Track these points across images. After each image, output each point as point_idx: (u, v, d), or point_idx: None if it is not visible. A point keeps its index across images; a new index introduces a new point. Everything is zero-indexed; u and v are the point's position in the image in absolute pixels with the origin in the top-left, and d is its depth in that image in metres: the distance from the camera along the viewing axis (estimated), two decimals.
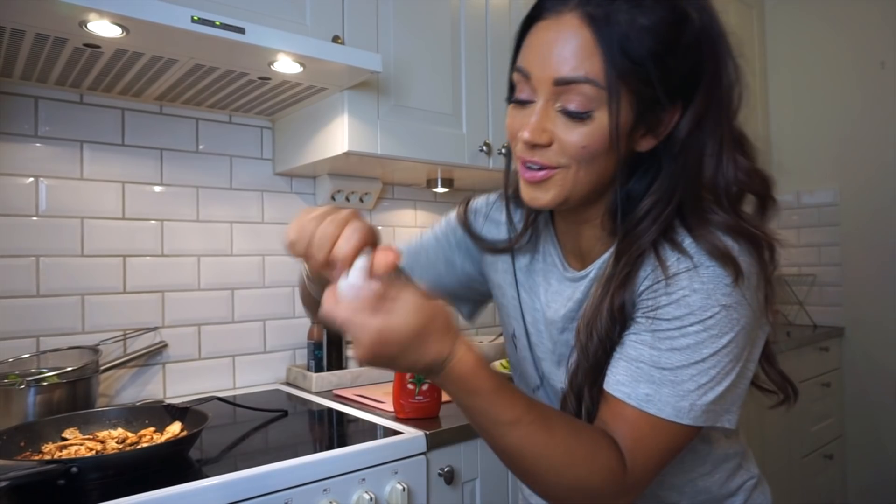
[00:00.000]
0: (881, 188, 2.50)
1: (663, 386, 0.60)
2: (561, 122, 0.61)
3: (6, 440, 0.93)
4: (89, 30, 1.00)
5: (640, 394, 0.61)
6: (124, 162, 1.41)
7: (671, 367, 0.61)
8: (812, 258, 2.69)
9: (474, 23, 1.63)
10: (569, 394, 0.68)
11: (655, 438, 0.61)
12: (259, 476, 0.91)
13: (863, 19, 2.55)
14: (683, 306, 0.61)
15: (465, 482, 1.18)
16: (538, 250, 0.79)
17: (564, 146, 0.61)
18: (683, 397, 0.60)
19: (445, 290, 0.89)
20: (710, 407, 0.61)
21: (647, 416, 0.61)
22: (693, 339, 0.60)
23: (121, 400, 1.39)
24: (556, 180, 0.63)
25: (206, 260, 1.52)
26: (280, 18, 1.26)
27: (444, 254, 0.88)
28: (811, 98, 2.68)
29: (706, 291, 0.60)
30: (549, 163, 0.62)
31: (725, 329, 0.60)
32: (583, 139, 0.60)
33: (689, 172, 0.63)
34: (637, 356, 0.62)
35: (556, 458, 0.58)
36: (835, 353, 2.59)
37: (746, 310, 0.61)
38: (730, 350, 0.61)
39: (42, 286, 1.30)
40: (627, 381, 0.62)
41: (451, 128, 1.56)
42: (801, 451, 2.36)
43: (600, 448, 0.59)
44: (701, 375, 0.60)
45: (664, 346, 0.61)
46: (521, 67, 0.63)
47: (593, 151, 0.61)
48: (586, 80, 0.58)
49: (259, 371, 1.60)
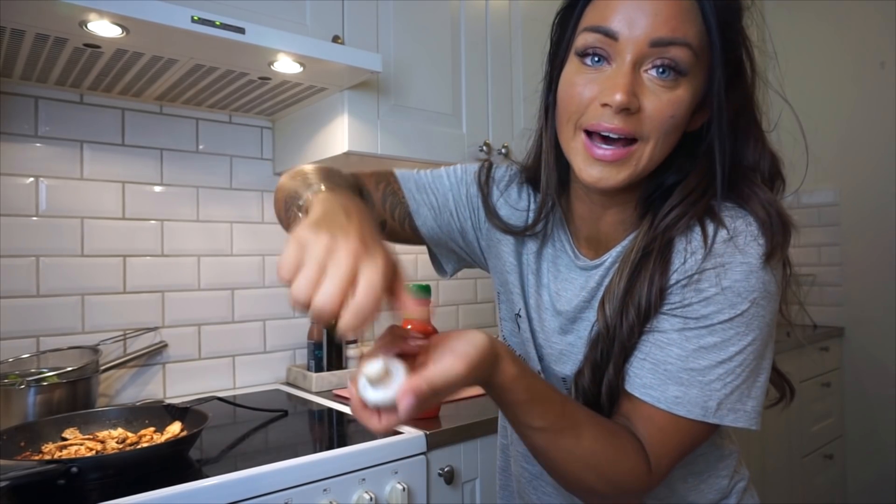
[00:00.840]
0: (881, 188, 2.50)
1: (692, 387, 0.60)
2: (648, 88, 0.57)
3: (6, 440, 0.93)
4: (89, 30, 1.00)
5: (669, 396, 0.60)
6: (124, 162, 1.41)
7: (699, 367, 0.60)
8: (812, 258, 2.69)
9: (474, 23, 1.63)
10: (585, 368, 0.66)
11: (680, 437, 0.61)
12: (259, 476, 0.91)
13: (863, 19, 2.55)
14: (713, 304, 0.60)
15: (465, 482, 1.18)
16: (548, 235, 0.76)
17: (651, 114, 0.57)
18: (711, 397, 0.60)
19: (438, 238, 0.84)
20: (737, 406, 0.60)
21: (674, 418, 0.60)
22: (720, 337, 0.60)
23: (121, 400, 1.39)
24: (633, 157, 0.59)
25: (206, 260, 1.52)
26: (280, 18, 1.26)
27: (451, 202, 0.82)
28: (811, 98, 2.68)
29: (735, 289, 0.59)
30: (632, 131, 0.57)
31: (753, 326, 0.60)
32: (671, 107, 0.57)
33: (735, 151, 0.63)
34: (664, 358, 0.61)
35: (580, 463, 0.59)
36: (835, 353, 2.59)
37: (771, 302, 0.61)
38: (755, 347, 0.60)
39: (42, 286, 1.30)
40: (656, 384, 0.61)
41: (451, 128, 1.56)
42: (801, 451, 2.36)
43: (627, 453, 0.60)
44: (728, 374, 0.60)
45: (692, 345, 0.60)
46: (601, 27, 0.58)
47: (678, 121, 0.58)
48: (685, 43, 0.56)
49: (259, 371, 1.60)
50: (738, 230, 0.60)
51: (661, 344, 0.62)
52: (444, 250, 0.87)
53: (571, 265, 0.73)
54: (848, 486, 2.63)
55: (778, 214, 0.61)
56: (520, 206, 0.79)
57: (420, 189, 0.82)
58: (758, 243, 0.60)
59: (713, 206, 0.63)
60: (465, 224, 0.83)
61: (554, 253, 0.76)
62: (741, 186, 0.63)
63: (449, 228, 0.83)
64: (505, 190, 0.81)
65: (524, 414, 0.57)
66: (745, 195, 0.62)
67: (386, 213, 0.81)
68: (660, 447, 0.61)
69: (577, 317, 0.71)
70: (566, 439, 0.58)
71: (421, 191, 0.82)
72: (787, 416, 2.24)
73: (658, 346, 0.62)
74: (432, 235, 0.83)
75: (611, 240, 0.70)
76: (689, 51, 0.56)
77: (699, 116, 0.63)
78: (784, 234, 0.61)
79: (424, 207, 0.82)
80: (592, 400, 0.66)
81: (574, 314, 0.72)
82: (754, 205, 0.61)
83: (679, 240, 0.63)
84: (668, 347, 0.61)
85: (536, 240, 0.77)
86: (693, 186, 0.63)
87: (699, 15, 0.57)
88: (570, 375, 0.71)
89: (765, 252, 0.59)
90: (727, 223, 0.61)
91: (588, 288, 0.70)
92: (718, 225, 0.61)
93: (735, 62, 0.62)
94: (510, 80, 1.70)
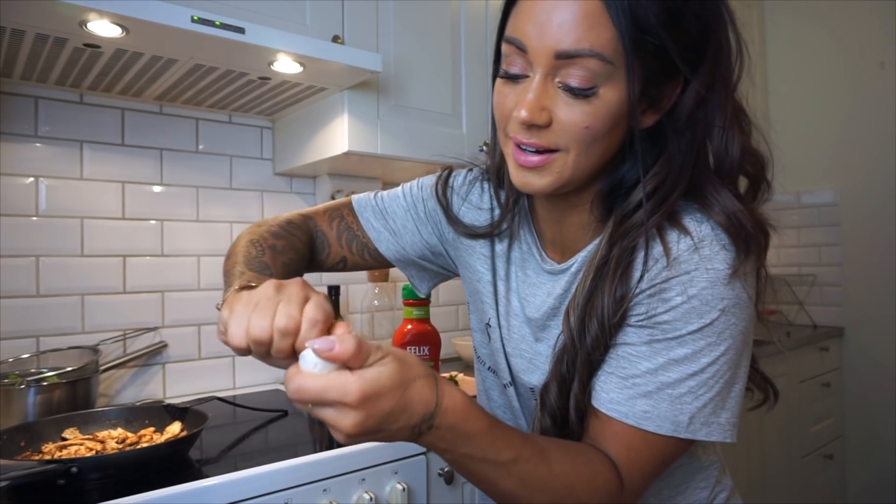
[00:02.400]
0: (881, 188, 2.50)
1: (661, 401, 0.58)
2: (561, 100, 0.55)
3: (6, 440, 0.93)
4: (89, 30, 1.00)
5: (638, 411, 0.58)
6: (124, 162, 1.41)
7: (669, 380, 0.58)
8: (812, 258, 2.69)
9: (474, 23, 1.63)
10: (551, 383, 0.63)
11: (651, 453, 0.59)
12: (259, 476, 0.91)
13: (862, 19, 2.55)
14: (680, 313, 0.58)
15: (464, 482, 1.18)
16: (516, 237, 0.74)
17: (565, 126, 0.55)
18: (682, 411, 0.57)
19: (407, 260, 0.84)
20: (711, 419, 0.58)
21: (644, 433, 0.58)
22: (690, 348, 0.58)
23: (121, 400, 1.39)
24: (555, 165, 0.57)
25: (206, 260, 1.52)
26: (280, 18, 1.26)
27: (411, 223, 0.82)
28: (811, 98, 2.68)
29: (703, 297, 0.57)
30: (547, 145, 0.56)
31: (724, 335, 0.58)
32: (585, 118, 0.54)
33: (696, 149, 0.58)
34: (632, 371, 0.59)
35: (556, 490, 0.56)
36: (835, 353, 2.59)
37: (744, 310, 0.58)
38: (729, 357, 0.58)
39: (42, 286, 1.30)
40: (623, 399, 0.59)
41: (451, 128, 1.56)
42: (801, 451, 2.36)
43: (597, 471, 0.58)
44: (700, 387, 0.58)
45: (662, 357, 0.58)
46: (512, 38, 0.56)
47: (596, 132, 0.55)
48: (592, 54, 0.52)
49: (259, 371, 1.60)
50: (703, 237, 0.58)
51: (629, 357, 0.60)
52: (415, 270, 0.87)
53: (539, 269, 0.71)
54: (848, 487, 2.63)
55: (745, 221, 0.57)
56: (483, 205, 0.78)
57: (377, 215, 0.83)
58: (725, 251, 0.57)
59: (677, 212, 0.60)
60: (430, 240, 0.82)
61: (521, 256, 0.74)
62: (705, 190, 0.59)
63: (415, 248, 0.83)
64: (466, 195, 0.80)
65: (489, 447, 0.52)
66: (707, 202, 0.59)
67: (343, 249, 0.83)
68: (631, 464, 0.59)
69: (545, 324, 0.69)
70: (538, 467, 0.54)
71: (378, 217, 0.83)
72: (787, 417, 2.24)
73: (626, 360, 0.60)
74: (400, 258, 0.84)
75: (576, 243, 0.68)
76: (598, 60, 0.52)
77: (650, 114, 0.59)
78: (755, 241, 0.58)
79: (385, 233, 0.82)
80: (560, 416, 0.63)
81: (543, 321, 0.70)
82: (714, 212, 0.58)
83: (640, 247, 0.59)
84: (637, 360, 0.59)
85: (504, 242, 0.75)
86: (654, 187, 0.59)
87: (608, 18, 0.52)
88: (537, 386, 0.69)
89: (733, 259, 0.57)
90: (692, 230, 0.58)
91: (555, 294, 0.68)
92: (682, 232, 0.58)
93: (680, 52, 0.55)
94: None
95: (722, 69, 0.58)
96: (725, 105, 0.58)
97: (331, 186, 1.65)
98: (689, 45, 0.55)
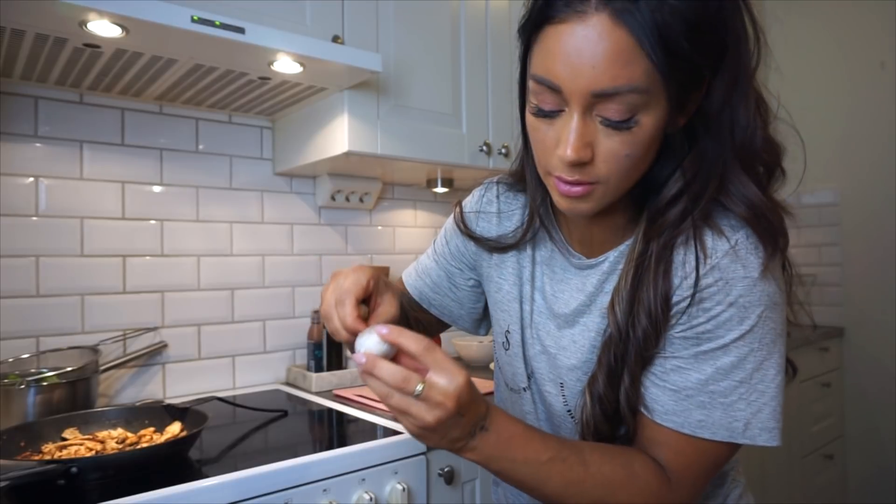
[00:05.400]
0: (881, 188, 2.50)
1: (714, 410, 0.60)
2: (602, 133, 0.55)
3: (6, 440, 0.93)
4: (89, 30, 1.00)
5: (693, 421, 0.60)
6: (124, 162, 1.41)
7: (720, 389, 0.59)
8: (812, 258, 2.69)
9: (474, 23, 1.62)
10: (598, 374, 0.64)
11: (705, 458, 0.61)
12: (259, 476, 0.91)
13: (862, 20, 2.55)
14: (721, 321, 0.59)
15: (465, 482, 1.18)
16: (541, 238, 0.75)
17: (606, 158, 0.56)
18: (736, 418, 0.59)
19: (457, 311, 0.88)
20: (765, 424, 0.60)
21: (699, 441, 0.60)
22: (736, 356, 0.59)
23: (121, 400, 1.39)
24: (597, 193, 0.58)
25: (206, 260, 1.52)
26: (280, 18, 1.26)
27: (445, 272, 0.86)
28: (811, 98, 2.68)
29: (741, 304, 0.58)
30: (590, 179, 0.57)
31: (766, 340, 0.59)
32: (626, 148, 0.55)
33: (726, 144, 0.58)
34: (683, 384, 0.61)
35: (597, 489, 0.59)
36: (835, 353, 2.59)
37: (779, 311, 0.60)
38: (774, 361, 0.60)
39: (42, 286, 1.30)
40: (678, 410, 0.61)
41: (451, 128, 1.56)
42: (801, 451, 2.36)
43: (637, 472, 0.60)
44: (750, 393, 0.59)
45: (709, 367, 0.60)
46: (542, 79, 0.55)
47: (636, 158, 0.56)
48: (630, 90, 0.52)
49: (259, 371, 1.60)
50: (739, 242, 0.59)
51: (679, 370, 0.61)
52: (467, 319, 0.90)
53: (567, 265, 0.72)
54: (848, 487, 2.63)
55: (769, 212, 0.59)
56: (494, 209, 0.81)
57: (416, 280, 0.89)
58: (756, 255, 0.59)
59: (712, 214, 0.60)
60: (466, 275, 0.86)
61: (548, 255, 0.74)
62: (728, 181, 0.59)
63: (461, 298, 0.87)
64: (480, 209, 0.82)
65: (529, 448, 0.58)
66: (729, 192, 0.59)
67: (409, 311, 0.88)
68: (682, 468, 0.61)
69: (575, 320, 0.70)
70: (576, 469, 0.59)
71: (417, 281, 0.89)
72: (787, 416, 2.24)
73: (675, 372, 0.61)
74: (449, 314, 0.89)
75: (606, 241, 0.68)
76: (635, 94, 0.52)
77: (680, 118, 0.59)
78: (780, 235, 0.59)
79: (428, 292, 0.88)
80: (611, 408, 0.64)
81: (572, 317, 0.70)
82: (735, 202, 0.59)
83: (679, 247, 0.61)
84: (687, 372, 0.61)
85: (529, 248, 0.76)
86: (686, 183, 0.60)
87: (641, 51, 0.51)
88: (567, 382, 0.70)
89: (763, 261, 0.58)
90: (728, 234, 0.59)
91: (586, 290, 0.69)
92: (718, 236, 0.59)
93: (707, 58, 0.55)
94: (510, 80, 1.70)
95: (743, 59, 0.57)
96: (748, 94, 0.58)
97: (331, 186, 1.65)
98: (712, 48, 0.54)
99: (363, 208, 1.80)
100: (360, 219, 1.81)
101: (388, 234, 1.88)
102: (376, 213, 1.85)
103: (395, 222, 1.90)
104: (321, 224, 1.73)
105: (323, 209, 1.73)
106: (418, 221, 1.95)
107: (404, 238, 1.92)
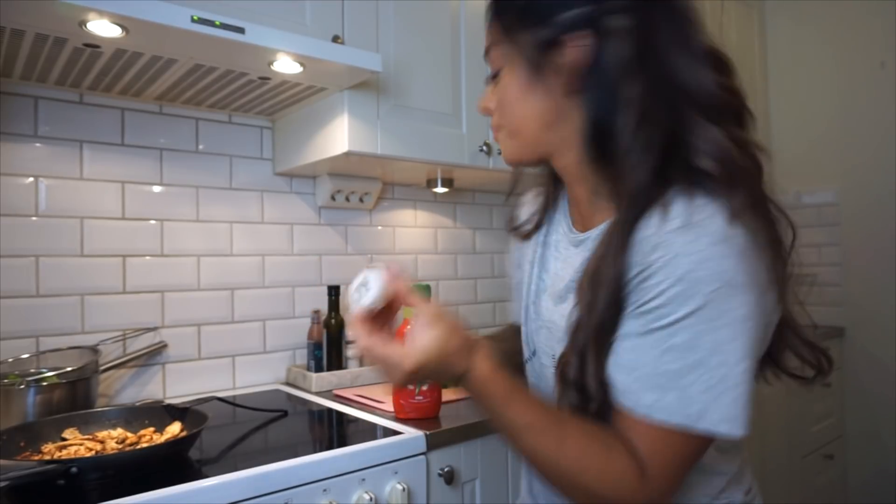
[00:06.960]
0: (881, 188, 2.49)
1: (668, 392, 0.57)
2: (492, 88, 0.72)
3: (6, 440, 0.93)
4: (89, 30, 1.00)
5: (647, 402, 0.58)
6: (124, 162, 1.41)
7: (674, 370, 0.56)
8: (812, 258, 2.69)
9: (474, 23, 1.62)
10: (569, 353, 0.63)
11: (669, 447, 0.58)
12: (259, 476, 0.91)
13: (863, 19, 2.55)
14: (670, 298, 0.56)
15: (465, 482, 1.18)
16: (554, 221, 0.80)
17: (496, 106, 0.71)
18: (692, 402, 0.56)
19: None
20: (726, 412, 0.56)
21: (656, 425, 0.57)
22: (688, 335, 0.56)
23: (120, 400, 1.39)
24: (501, 137, 0.73)
25: (206, 260, 1.52)
26: (280, 18, 1.26)
27: (517, 282, 0.89)
28: (811, 98, 2.68)
29: (689, 279, 0.55)
30: (494, 125, 0.74)
31: (723, 319, 0.55)
32: (501, 95, 0.70)
33: (657, 90, 0.59)
34: (634, 363, 0.59)
35: (566, 465, 0.60)
36: (835, 353, 2.56)
37: (743, 294, 0.55)
38: (738, 345, 0.56)
39: (42, 286, 1.30)
40: (634, 389, 0.59)
41: (451, 128, 1.56)
42: (801, 451, 2.36)
43: (613, 456, 0.58)
44: (709, 377, 0.55)
45: (661, 346, 0.57)
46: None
47: (511, 102, 0.69)
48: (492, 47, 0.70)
49: (259, 371, 1.60)
50: (693, 216, 0.56)
51: (634, 349, 0.59)
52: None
53: (567, 243, 0.75)
54: (848, 487, 2.62)
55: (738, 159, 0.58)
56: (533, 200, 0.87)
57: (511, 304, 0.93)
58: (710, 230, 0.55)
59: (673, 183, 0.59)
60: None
61: (557, 238, 0.78)
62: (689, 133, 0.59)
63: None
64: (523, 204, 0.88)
65: (506, 409, 0.62)
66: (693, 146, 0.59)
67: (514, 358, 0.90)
68: (649, 454, 0.58)
69: (566, 296, 0.70)
70: (550, 440, 0.60)
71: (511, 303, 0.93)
72: (787, 416, 2.24)
73: (631, 352, 0.59)
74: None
75: (595, 215, 0.69)
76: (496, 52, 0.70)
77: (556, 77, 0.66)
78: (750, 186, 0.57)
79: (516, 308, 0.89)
80: (579, 389, 0.62)
81: (564, 293, 0.71)
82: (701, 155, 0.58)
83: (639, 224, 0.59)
84: (640, 351, 0.58)
85: (544, 228, 0.81)
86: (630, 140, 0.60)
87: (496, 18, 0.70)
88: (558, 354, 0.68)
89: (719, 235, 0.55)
90: (682, 207, 0.57)
91: (575, 266, 0.70)
92: (672, 208, 0.57)
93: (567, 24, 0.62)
94: None
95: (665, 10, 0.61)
96: (685, 42, 0.61)
97: (331, 186, 1.65)
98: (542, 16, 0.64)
99: (363, 208, 1.80)
100: (360, 219, 1.81)
101: (388, 234, 1.88)
102: (376, 213, 1.85)
103: (396, 222, 1.90)
104: (321, 224, 1.73)
105: (323, 209, 1.73)
106: (418, 221, 1.95)
107: (404, 238, 1.92)
